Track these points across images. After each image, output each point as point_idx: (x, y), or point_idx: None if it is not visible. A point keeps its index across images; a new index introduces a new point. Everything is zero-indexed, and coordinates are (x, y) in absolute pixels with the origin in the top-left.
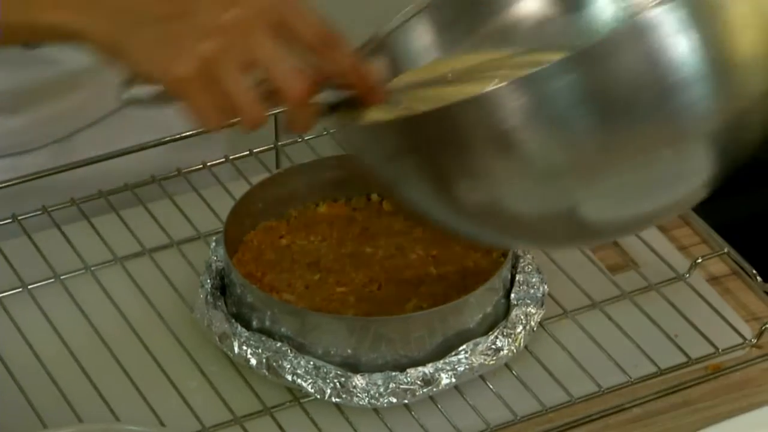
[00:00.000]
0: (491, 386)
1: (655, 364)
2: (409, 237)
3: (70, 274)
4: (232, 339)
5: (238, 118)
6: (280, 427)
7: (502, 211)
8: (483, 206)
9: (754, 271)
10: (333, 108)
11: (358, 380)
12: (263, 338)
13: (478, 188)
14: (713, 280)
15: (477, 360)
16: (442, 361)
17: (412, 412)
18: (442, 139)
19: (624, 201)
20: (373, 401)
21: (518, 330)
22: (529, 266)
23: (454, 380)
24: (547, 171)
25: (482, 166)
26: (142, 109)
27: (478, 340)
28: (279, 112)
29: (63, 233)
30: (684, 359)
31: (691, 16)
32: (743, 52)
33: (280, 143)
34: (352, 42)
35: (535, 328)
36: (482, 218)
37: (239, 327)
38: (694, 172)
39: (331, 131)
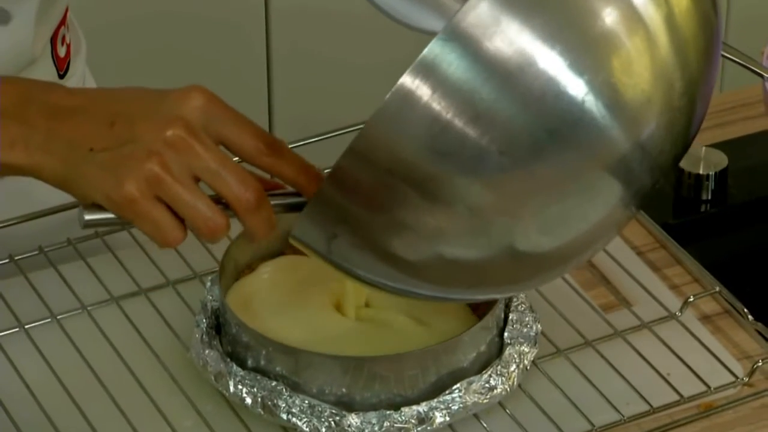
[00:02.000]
0: (485, 425)
1: (648, 403)
2: None
3: (66, 314)
4: (228, 378)
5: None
6: None
7: (449, 262)
8: (430, 261)
9: (746, 310)
10: (291, 209)
11: (353, 419)
12: (258, 377)
13: (416, 241)
14: (705, 318)
15: (471, 398)
16: (436, 400)
17: None
18: (356, 199)
19: (555, 229)
20: None
21: (512, 368)
22: (523, 305)
23: (448, 419)
24: (470, 209)
25: (405, 214)
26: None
27: (471, 378)
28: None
29: (59, 273)
30: (676, 397)
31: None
32: (633, 89)
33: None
34: None
35: (528, 367)
36: (434, 273)
37: (234, 366)
38: (612, 196)
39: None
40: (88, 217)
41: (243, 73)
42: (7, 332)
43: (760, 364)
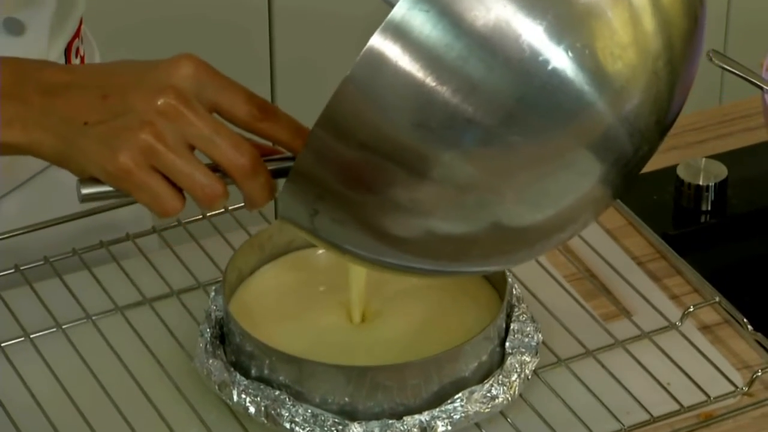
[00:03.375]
0: None
1: (648, 412)
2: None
3: (71, 324)
4: (231, 387)
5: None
6: None
7: (432, 235)
8: (412, 233)
9: (745, 320)
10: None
11: (356, 428)
12: (262, 386)
13: (395, 215)
14: (705, 328)
15: (472, 408)
16: (438, 409)
17: None
18: (331, 173)
19: (539, 205)
20: None
21: (513, 378)
22: (524, 315)
23: (449, 428)
24: (444, 180)
25: (380, 188)
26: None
27: (473, 388)
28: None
29: (65, 283)
30: (676, 407)
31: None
32: (603, 51)
33: (279, 195)
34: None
35: (529, 376)
36: (418, 246)
37: (238, 375)
38: (591, 164)
39: None
40: (85, 191)
41: (248, 79)
42: (13, 342)
43: (759, 373)
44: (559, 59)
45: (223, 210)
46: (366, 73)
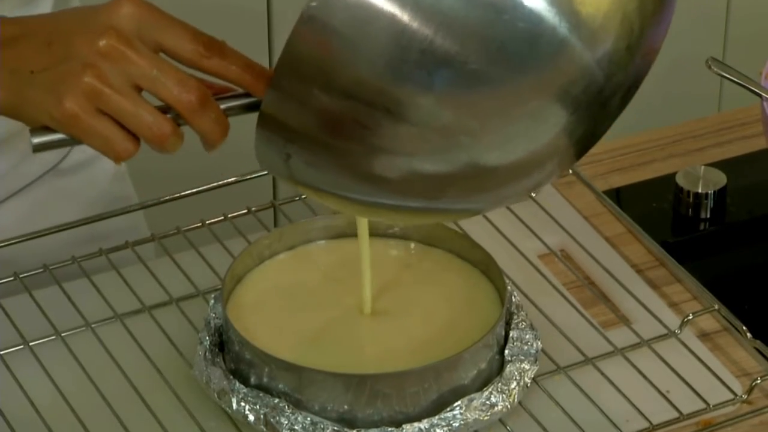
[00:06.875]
0: None
1: (647, 420)
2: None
3: (70, 331)
4: (231, 395)
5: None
6: None
7: (414, 176)
8: (382, 170)
9: (744, 328)
10: (243, 109)
11: None
12: (261, 394)
13: (361, 152)
14: (704, 336)
15: (472, 415)
16: (437, 417)
17: None
18: (295, 116)
19: (513, 138)
20: None
21: (512, 386)
22: (523, 323)
23: None
24: (424, 125)
25: (343, 127)
26: (53, 153)
27: (472, 395)
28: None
29: (64, 291)
30: (676, 415)
31: None
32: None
33: (278, 202)
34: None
35: (528, 384)
36: (392, 184)
37: (237, 383)
38: (561, 92)
39: None
40: (36, 140)
41: None
42: (12, 349)
43: (758, 381)
44: None
45: (222, 218)
46: (322, 10)
